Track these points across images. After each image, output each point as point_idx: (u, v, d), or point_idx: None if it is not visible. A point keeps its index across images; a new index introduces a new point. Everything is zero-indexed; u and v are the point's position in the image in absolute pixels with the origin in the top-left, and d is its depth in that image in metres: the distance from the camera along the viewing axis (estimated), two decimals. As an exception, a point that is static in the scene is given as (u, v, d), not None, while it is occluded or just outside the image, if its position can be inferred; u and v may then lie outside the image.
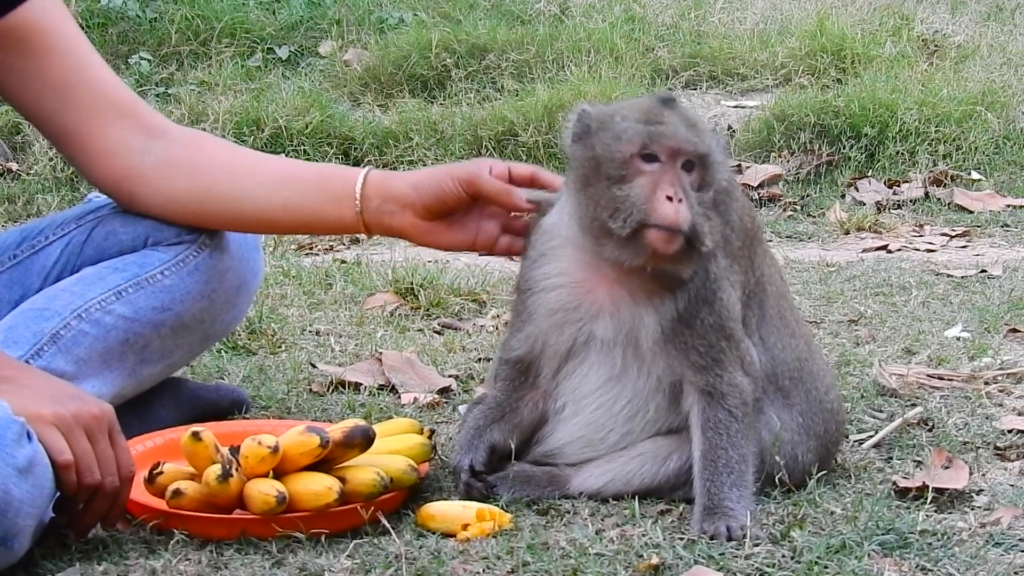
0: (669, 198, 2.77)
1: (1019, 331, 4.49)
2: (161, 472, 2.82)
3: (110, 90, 3.30)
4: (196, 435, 2.81)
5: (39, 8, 3.21)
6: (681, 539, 2.74)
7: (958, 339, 4.41)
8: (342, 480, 2.80)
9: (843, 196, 7.22)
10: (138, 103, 3.35)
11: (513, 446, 3.04)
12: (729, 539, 2.72)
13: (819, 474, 2.99)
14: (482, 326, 4.66)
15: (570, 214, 2.95)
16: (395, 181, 3.21)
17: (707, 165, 2.84)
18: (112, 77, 3.35)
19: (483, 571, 2.61)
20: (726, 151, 2.97)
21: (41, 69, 3.23)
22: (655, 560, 2.61)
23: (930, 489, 2.96)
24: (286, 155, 7.14)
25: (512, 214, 3.19)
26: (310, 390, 3.89)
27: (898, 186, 7.24)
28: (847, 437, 3.37)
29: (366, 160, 7.50)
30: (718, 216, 2.87)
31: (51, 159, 7.47)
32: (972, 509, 2.94)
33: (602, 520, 2.87)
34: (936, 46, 8.76)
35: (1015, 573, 2.60)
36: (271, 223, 3.38)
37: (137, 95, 3.41)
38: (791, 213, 7.04)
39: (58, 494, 2.61)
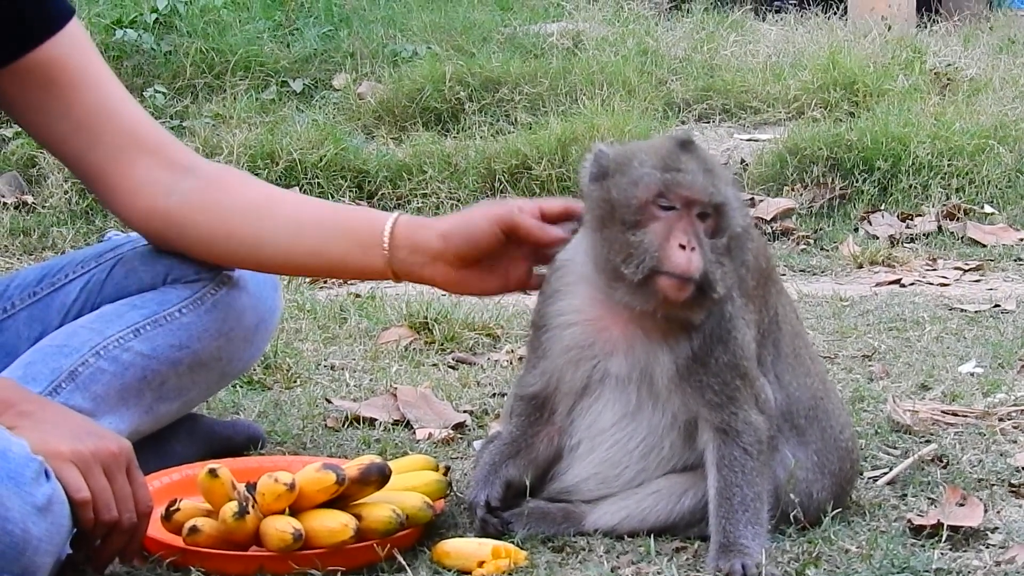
0: (682, 246, 2.78)
1: (1033, 367, 4.49)
2: (178, 509, 2.83)
3: (135, 127, 3.29)
4: (213, 472, 2.81)
5: (63, 45, 3.20)
6: (696, 577, 2.75)
7: (972, 375, 4.40)
8: (358, 517, 2.80)
9: (856, 230, 7.22)
10: (164, 140, 3.33)
11: (528, 482, 3.04)
12: (744, 577, 2.72)
13: (834, 512, 2.99)
14: (496, 361, 4.67)
15: (585, 252, 2.96)
16: (424, 232, 3.16)
17: (723, 214, 2.85)
18: (138, 113, 3.33)
19: (499, 609, 2.62)
20: (740, 195, 2.97)
21: (65, 106, 3.22)
22: (670, 598, 2.61)
23: (945, 527, 2.95)
24: (300, 189, 7.17)
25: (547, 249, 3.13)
26: (325, 425, 3.90)
27: (911, 220, 7.25)
28: (861, 474, 3.37)
29: (380, 194, 7.52)
30: (731, 261, 2.87)
31: (66, 192, 7.49)
32: (987, 547, 2.94)
33: (617, 557, 2.88)
34: (948, 80, 8.78)
35: (1031, 612, 2.60)
36: (297, 268, 3.41)
37: (164, 130, 3.39)
38: (804, 247, 7.05)
39: (75, 530, 2.62)
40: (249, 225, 3.26)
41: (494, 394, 4.22)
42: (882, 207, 7.39)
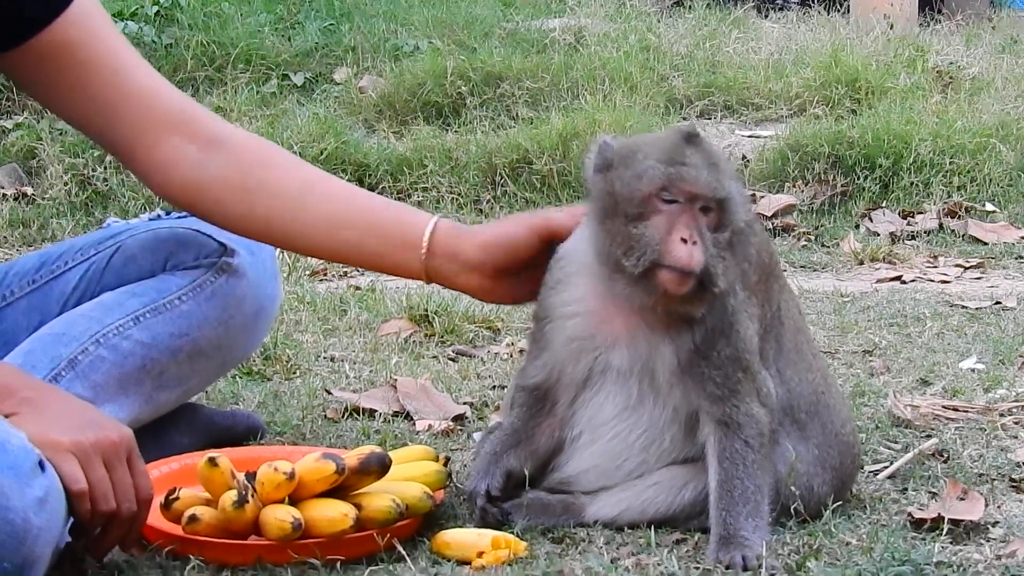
0: (684, 240, 2.77)
1: (1034, 363, 4.49)
2: (177, 498, 2.82)
3: (157, 102, 3.21)
4: (212, 461, 2.81)
5: (73, 23, 3.13)
6: (696, 568, 2.73)
7: (973, 371, 4.40)
8: (358, 507, 2.79)
9: (857, 227, 7.22)
10: (190, 112, 3.25)
11: (528, 473, 3.03)
12: (745, 569, 2.71)
13: (834, 505, 2.99)
14: (496, 353, 4.67)
15: (588, 243, 2.95)
16: (462, 243, 3.10)
17: (725, 208, 2.84)
18: (160, 86, 3.25)
19: (498, 599, 2.61)
20: (744, 189, 2.96)
21: (82, 86, 3.16)
22: (671, 590, 2.60)
23: (946, 520, 2.95)
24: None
25: None
26: (325, 416, 3.90)
27: (912, 217, 7.25)
28: (862, 468, 3.36)
29: (380, 188, 7.51)
30: (733, 256, 2.86)
31: (66, 184, 7.49)
32: (988, 541, 2.93)
33: (617, 549, 2.87)
34: (950, 78, 8.78)
35: (1032, 606, 2.60)
36: (332, 258, 3.40)
37: (188, 101, 3.30)
38: (805, 243, 7.04)
39: (72, 520, 2.61)
40: (287, 213, 3.20)
41: (494, 386, 4.22)
42: (883, 204, 7.39)
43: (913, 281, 6.22)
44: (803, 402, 3.06)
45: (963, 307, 5.51)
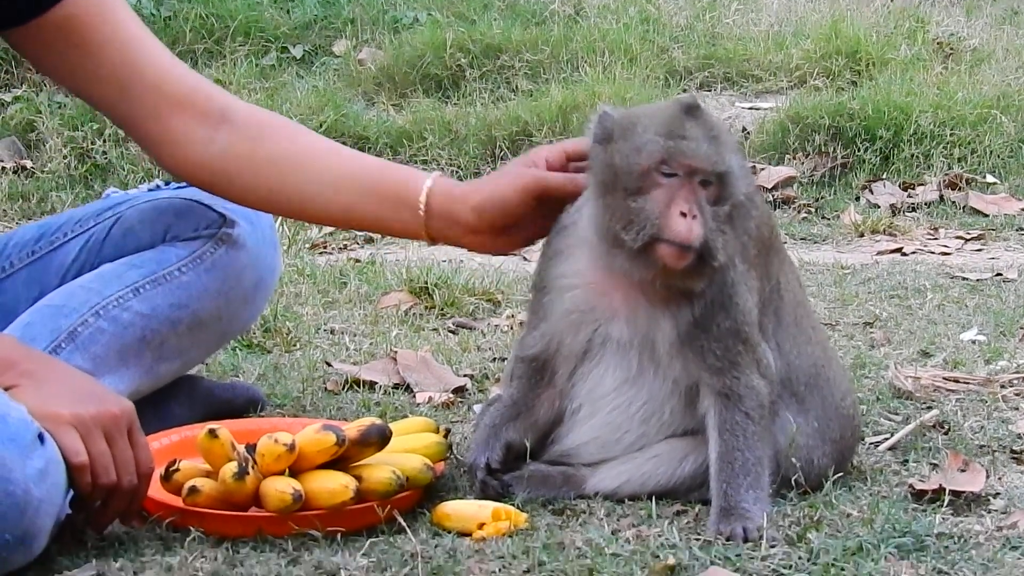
0: (683, 214, 2.76)
1: (1035, 334, 4.48)
2: (177, 469, 2.82)
3: (168, 80, 3.20)
4: (213, 433, 2.80)
5: (81, 1, 3.12)
6: (697, 540, 2.73)
7: (973, 342, 4.40)
8: (358, 478, 2.79)
9: (858, 199, 7.21)
10: (195, 90, 3.24)
11: (529, 445, 3.03)
12: (745, 540, 2.71)
13: (835, 476, 2.98)
14: (497, 326, 4.66)
15: (588, 216, 2.94)
16: (456, 207, 3.10)
17: (725, 182, 2.83)
18: (167, 64, 3.23)
19: (499, 570, 2.60)
20: (745, 162, 2.95)
21: (93, 64, 3.15)
22: (671, 561, 2.60)
23: (946, 492, 2.95)
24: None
25: None
26: (325, 388, 3.89)
27: (913, 189, 7.24)
28: (863, 439, 3.36)
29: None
30: (732, 230, 2.85)
31: (65, 157, 7.48)
32: (988, 512, 2.93)
33: (618, 520, 2.87)
34: (951, 49, 8.76)
35: (1032, 577, 2.60)
36: (338, 223, 3.44)
37: (195, 77, 3.29)
38: (805, 215, 7.04)
39: (72, 493, 2.60)
40: (290, 181, 3.20)
41: (494, 359, 4.22)
42: (884, 176, 7.38)
43: (914, 253, 6.22)
44: (802, 375, 3.05)
45: (964, 279, 5.51)
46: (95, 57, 3.15)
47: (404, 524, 2.75)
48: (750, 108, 8.14)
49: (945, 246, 6.36)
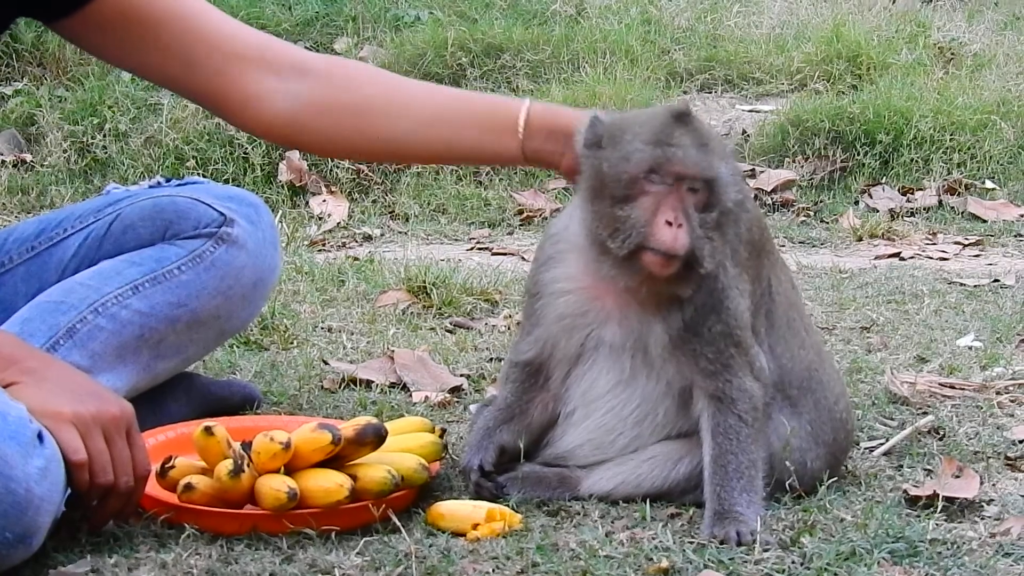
0: (669, 223, 2.76)
1: (1031, 341, 4.49)
2: (173, 466, 2.83)
3: (231, 40, 3.19)
4: (208, 430, 2.81)
5: None
6: (691, 543, 2.74)
7: (970, 348, 4.40)
8: (353, 477, 2.80)
9: (856, 203, 7.21)
10: (265, 46, 3.23)
11: (523, 447, 3.04)
12: (739, 544, 2.72)
13: (829, 481, 2.99)
14: (494, 326, 4.67)
15: (579, 221, 2.95)
16: (562, 119, 3.10)
17: (714, 189, 2.83)
18: (227, 26, 3.22)
19: (493, 571, 2.61)
20: (737, 167, 2.94)
21: (152, 39, 3.14)
22: (665, 563, 2.61)
23: (940, 498, 2.96)
24: (300, 152, 7.13)
25: None
26: (322, 387, 3.90)
27: (912, 194, 7.23)
28: (857, 444, 3.37)
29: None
30: (721, 236, 2.86)
31: (65, 151, 7.48)
32: (982, 519, 2.94)
33: (612, 522, 2.88)
34: (952, 54, 8.75)
35: (1024, 584, 2.61)
36: (431, 159, 3.54)
37: (260, 34, 3.28)
38: (804, 219, 7.04)
39: (69, 491, 2.61)
40: (380, 123, 3.18)
41: (491, 359, 4.22)
42: (883, 180, 7.37)
43: (912, 258, 6.22)
44: (795, 378, 3.06)
45: (961, 284, 5.51)
46: (154, 33, 3.13)
47: (399, 523, 2.76)
48: (750, 111, 8.13)
49: (943, 251, 6.36)
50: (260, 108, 3.19)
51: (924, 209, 7.12)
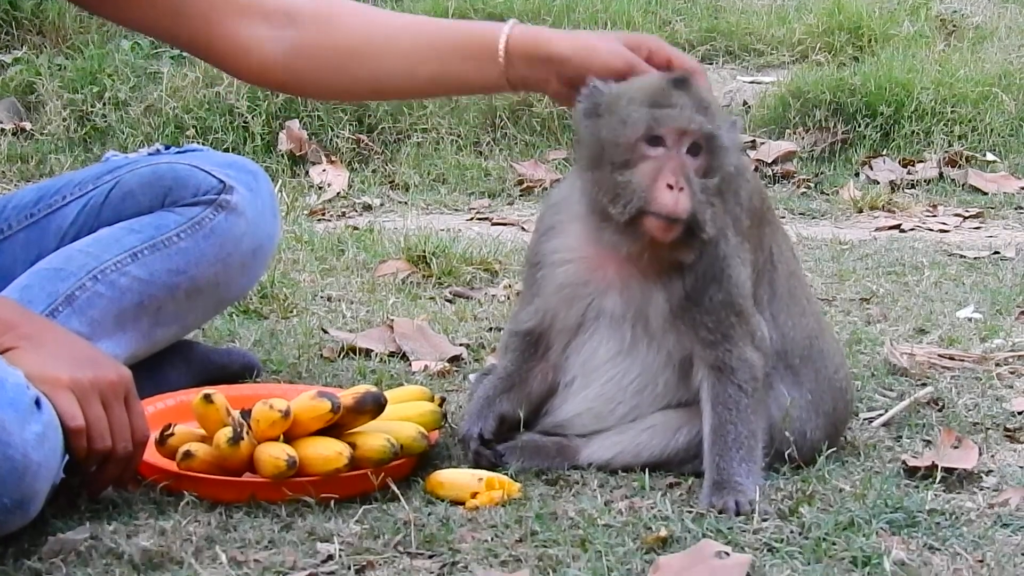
0: (670, 186, 2.76)
1: (1031, 313, 4.49)
2: (172, 434, 2.83)
3: None
4: (208, 398, 2.81)
5: None
6: (690, 512, 2.74)
7: (970, 320, 4.40)
8: (352, 446, 2.80)
9: (857, 174, 7.19)
10: None
11: (522, 416, 3.04)
12: (738, 513, 2.72)
13: (828, 451, 2.99)
14: (494, 295, 4.66)
15: (579, 190, 2.94)
16: (543, 44, 3.03)
17: (714, 149, 2.82)
18: None
19: (491, 539, 2.62)
20: (738, 136, 2.94)
21: None
22: (663, 533, 2.61)
23: (939, 468, 2.96)
24: (300, 122, 7.12)
25: None
26: (321, 355, 3.90)
27: (913, 166, 7.22)
28: (857, 415, 3.37)
29: (380, 127, 7.46)
30: (722, 202, 2.85)
31: (64, 119, 7.46)
32: (980, 489, 2.95)
33: (611, 491, 2.88)
34: (954, 26, 8.73)
35: (1022, 554, 2.60)
36: (416, 94, 3.56)
37: None
38: (805, 190, 7.02)
39: (67, 457, 2.61)
40: (369, 65, 3.16)
41: (491, 328, 4.22)
42: (884, 152, 7.36)
43: (912, 230, 6.21)
44: (796, 347, 3.06)
45: (961, 256, 5.51)
46: None
47: (397, 492, 2.76)
48: (751, 82, 8.11)
49: (943, 223, 6.35)
50: (249, 56, 3.19)
51: (925, 181, 7.10)
